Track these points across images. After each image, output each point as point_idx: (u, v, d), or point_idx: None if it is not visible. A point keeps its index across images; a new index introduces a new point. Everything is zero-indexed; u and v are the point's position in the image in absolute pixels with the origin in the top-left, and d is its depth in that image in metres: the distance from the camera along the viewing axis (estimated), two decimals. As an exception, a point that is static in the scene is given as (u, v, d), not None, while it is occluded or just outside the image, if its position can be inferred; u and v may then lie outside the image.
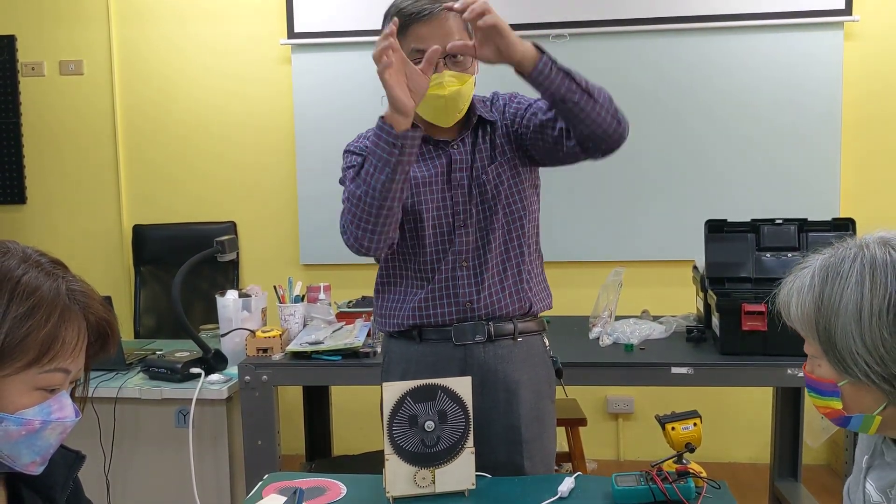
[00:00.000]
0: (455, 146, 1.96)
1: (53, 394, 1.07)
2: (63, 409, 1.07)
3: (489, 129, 1.99)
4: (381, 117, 1.79)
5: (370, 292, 2.17)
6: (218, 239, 2.89)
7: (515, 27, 1.76)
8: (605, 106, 1.81)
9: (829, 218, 2.88)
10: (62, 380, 1.07)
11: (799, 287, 1.21)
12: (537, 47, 1.78)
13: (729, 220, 2.84)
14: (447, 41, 1.82)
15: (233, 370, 2.80)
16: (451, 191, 1.95)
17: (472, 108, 1.97)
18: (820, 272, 1.19)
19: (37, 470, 1.08)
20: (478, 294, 1.94)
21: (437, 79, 1.84)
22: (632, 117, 1.86)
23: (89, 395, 2.78)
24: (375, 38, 1.72)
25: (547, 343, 2.07)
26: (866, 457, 1.31)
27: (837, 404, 1.21)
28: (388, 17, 1.91)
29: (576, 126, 1.82)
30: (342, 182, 1.95)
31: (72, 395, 1.11)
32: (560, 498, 1.72)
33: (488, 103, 2.05)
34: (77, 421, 1.10)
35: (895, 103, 3.86)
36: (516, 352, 1.98)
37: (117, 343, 1.15)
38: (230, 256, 2.94)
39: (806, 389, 1.27)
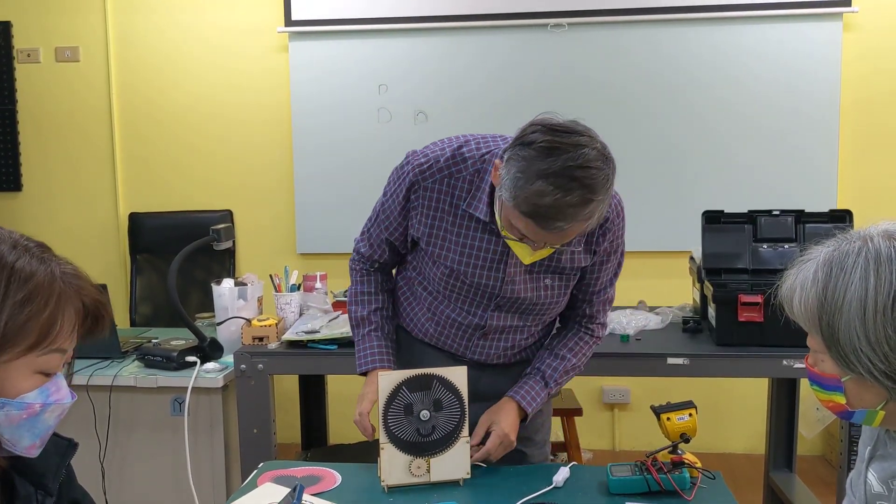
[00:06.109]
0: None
1: (50, 377, 1.09)
2: (60, 390, 1.10)
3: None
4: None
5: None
6: (214, 227, 2.88)
7: (513, 16, 1.74)
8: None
9: (826, 209, 2.87)
10: (59, 361, 1.09)
11: (802, 281, 1.19)
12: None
13: (726, 211, 2.84)
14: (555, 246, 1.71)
15: (228, 359, 2.80)
16: (503, 283, 1.84)
17: None
18: (824, 266, 1.17)
19: (35, 452, 1.10)
20: (479, 352, 1.96)
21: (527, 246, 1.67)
22: (628, 107, 1.86)
23: (85, 384, 2.76)
24: (374, 27, 1.70)
25: None
26: (868, 447, 1.30)
27: (841, 399, 1.20)
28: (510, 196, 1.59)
29: None
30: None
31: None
32: (555, 487, 1.73)
33: None
34: (72, 402, 1.12)
35: (893, 95, 3.85)
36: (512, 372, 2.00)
37: (111, 323, 1.17)
38: (226, 245, 2.94)
39: (808, 382, 1.25)
